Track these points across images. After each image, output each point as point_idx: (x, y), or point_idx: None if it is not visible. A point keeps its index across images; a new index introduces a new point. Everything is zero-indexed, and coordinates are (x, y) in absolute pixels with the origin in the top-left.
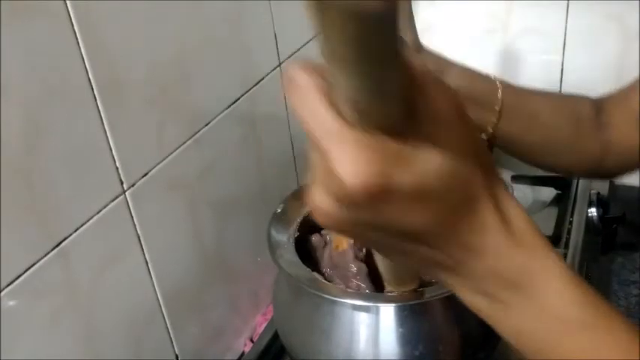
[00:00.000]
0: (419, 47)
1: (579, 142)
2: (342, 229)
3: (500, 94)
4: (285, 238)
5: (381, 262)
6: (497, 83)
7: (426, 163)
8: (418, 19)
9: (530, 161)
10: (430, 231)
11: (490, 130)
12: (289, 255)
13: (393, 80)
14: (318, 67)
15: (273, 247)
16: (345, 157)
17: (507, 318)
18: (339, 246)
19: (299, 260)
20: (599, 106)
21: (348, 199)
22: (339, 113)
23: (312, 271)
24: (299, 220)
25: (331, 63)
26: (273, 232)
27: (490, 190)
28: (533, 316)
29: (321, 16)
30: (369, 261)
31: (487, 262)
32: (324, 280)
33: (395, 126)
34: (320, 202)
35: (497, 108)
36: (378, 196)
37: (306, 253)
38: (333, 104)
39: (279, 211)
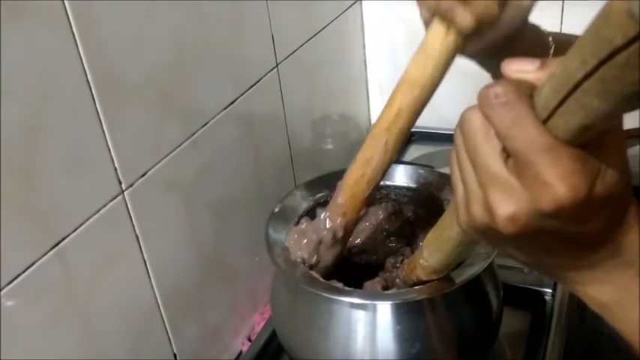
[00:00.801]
0: None
1: None
2: (518, 236)
3: (552, 51)
4: (282, 236)
5: (439, 255)
6: (550, 40)
7: (614, 176)
8: (411, 18)
9: None
10: (598, 233)
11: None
12: (287, 253)
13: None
14: (517, 82)
15: (270, 245)
16: (559, 171)
17: (630, 307)
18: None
19: (297, 259)
20: None
21: (556, 210)
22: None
23: (310, 269)
24: (296, 219)
25: (595, 87)
26: (271, 231)
27: (631, 194)
28: None
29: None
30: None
31: (625, 256)
32: (321, 279)
33: (590, 142)
34: (509, 210)
35: (550, 43)
36: (584, 204)
37: None
38: (539, 118)
39: (276, 210)
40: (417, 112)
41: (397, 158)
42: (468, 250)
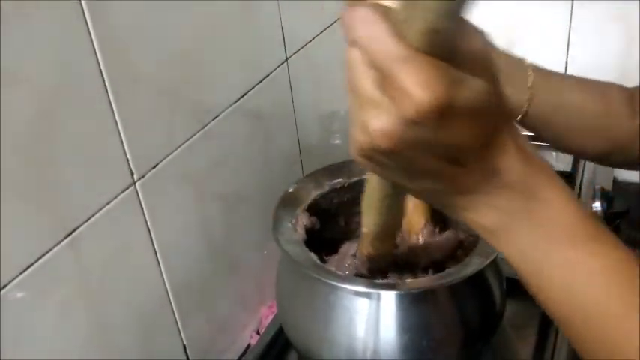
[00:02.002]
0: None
1: (608, 127)
2: (396, 151)
3: (530, 72)
4: (291, 218)
5: (372, 214)
6: (525, 62)
7: (479, 84)
8: None
9: (558, 145)
10: (475, 147)
11: (524, 109)
12: (292, 235)
13: (461, 7)
14: (374, 2)
15: (277, 226)
16: (417, 76)
17: (516, 232)
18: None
19: (301, 242)
20: (631, 95)
21: (419, 117)
22: (402, 39)
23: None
24: (307, 202)
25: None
26: (280, 212)
27: (507, 117)
28: (541, 227)
29: None
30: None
31: (505, 179)
32: (322, 264)
33: (448, 52)
34: (381, 123)
35: (529, 85)
36: (446, 110)
37: (321, 246)
38: (398, 32)
39: (290, 190)
40: None
41: None
42: (396, 205)
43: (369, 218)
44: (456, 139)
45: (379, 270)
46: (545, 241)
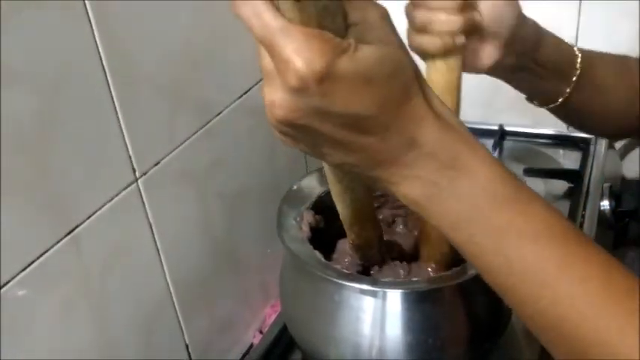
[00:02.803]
0: (521, 18)
1: (636, 105)
2: (294, 122)
3: (578, 64)
4: (295, 216)
5: (340, 202)
6: (576, 51)
7: (367, 51)
8: None
9: (589, 128)
10: (373, 116)
11: (561, 98)
12: (296, 233)
13: None
14: None
15: (281, 223)
16: (294, 47)
17: (443, 202)
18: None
19: (306, 240)
20: None
21: (301, 85)
22: (282, 14)
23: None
24: (312, 199)
25: None
26: (285, 209)
27: (418, 81)
28: (467, 194)
29: None
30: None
31: (423, 149)
32: (327, 262)
33: (335, 27)
34: (273, 96)
35: (574, 78)
36: (329, 80)
37: (326, 244)
38: (275, 7)
39: (294, 187)
40: None
41: None
42: (357, 187)
43: (338, 205)
44: (350, 107)
45: (372, 258)
46: (471, 209)
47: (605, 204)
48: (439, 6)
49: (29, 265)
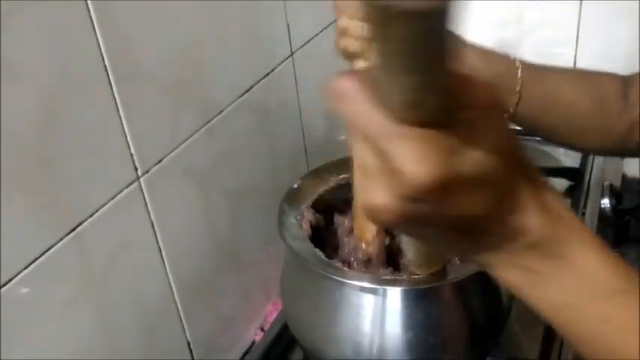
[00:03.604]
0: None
1: (604, 121)
2: (402, 225)
3: (519, 74)
4: (296, 214)
5: (412, 247)
6: (517, 63)
7: (478, 155)
8: None
9: (552, 140)
10: (484, 215)
11: (511, 110)
12: (297, 231)
13: (445, 75)
14: (357, 73)
15: (282, 221)
16: (408, 154)
17: (545, 290)
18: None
19: (307, 238)
20: (627, 85)
21: (415, 194)
22: (388, 113)
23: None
24: (313, 197)
25: (385, 64)
26: (285, 207)
27: (526, 173)
28: (571, 283)
29: (380, 19)
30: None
31: (527, 238)
32: (328, 260)
33: (441, 118)
34: (382, 200)
35: (517, 89)
36: (444, 186)
37: (324, 240)
38: (380, 105)
39: (295, 186)
40: None
41: None
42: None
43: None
44: (463, 211)
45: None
46: (575, 297)
47: (606, 202)
48: (354, 14)
49: (32, 263)
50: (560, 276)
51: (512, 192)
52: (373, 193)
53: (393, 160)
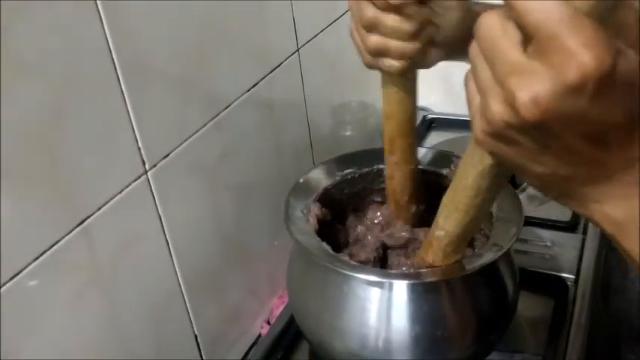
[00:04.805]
0: None
1: None
2: (544, 123)
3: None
4: (302, 208)
5: (458, 214)
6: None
7: (634, 59)
8: None
9: None
10: (621, 126)
11: None
12: (304, 225)
13: None
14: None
15: (289, 215)
16: (583, 39)
17: None
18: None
19: (313, 232)
20: None
21: (581, 81)
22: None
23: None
24: (319, 191)
25: None
26: (292, 201)
27: None
28: None
29: None
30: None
31: None
32: (333, 252)
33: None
34: (533, 90)
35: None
36: (609, 76)
37: (330, 234)
38: None
39: (301, 180)
40: (406, 134)
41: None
42: (486, 205)
43: (451, 219)
44: (608, 115)
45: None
46: None
47: None
48: (393, 32)
49: (40, 256)
50: None
51: None
52: (521, 88)
53: (566, 44)
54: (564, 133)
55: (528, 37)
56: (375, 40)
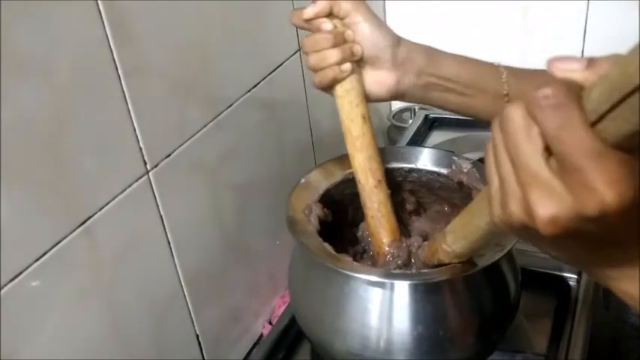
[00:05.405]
0: (396, 40)
1: None
2: (564, 239)
3: (504, 77)
4: (304, 208)
5: (465, 241)
6: (500, 68)
7: None
8: (436, 6)
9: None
10: (632, 233)
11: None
12: (305, 225)
13: None
14: (568, 84)
15: (290, 216)
16: (607, 175)
17: None
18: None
19: (315, 232)
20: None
21: (600, 213)
22: (591, 130)
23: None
24: (320, 192)
25: (630, 98)
26: (293, 201)
27: None
28: None
29: None
30: None
31: None
32: (334, 252)
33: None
34: (551, 211)
35: (504, 92)
36: (628, 210)
37: (332, 234)
38: (588, 120)
39: (303, 180)
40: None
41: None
42: (495, 239)
43: (459, 244)
44: (620, 234)
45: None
46: None
47: None
48: (319, 48)
49: (42, 256)
50: None
51: None
52: (541, 202)
53: (588, 179)
54: (580, 241)
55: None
56: (310, 59)
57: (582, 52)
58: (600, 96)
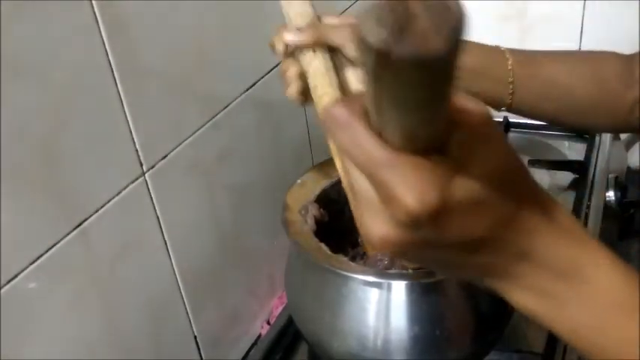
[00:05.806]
0: None
1: (604, 101)
2: (404, 253)
3: (510, 65)
4: (300, 209)
5: None
6: (506, 54)
7: (477, 171)
8: None
9: (553, 123)
10: (487, 237)
11: (508, 101)
12: (301, 226)
13: (445, 109)
14: (353, 100)
15: (286, 216)
16: (404, 182)
17: (561, 312)
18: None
19: (311, 232)
20: (629, 62)
21: (413, 222)
22: (384, 142)
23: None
24: (317, 192)
25: (382, 102)
26: (290, 202)
27: (528, 188)
28: (587, 304)
29: (378, 62)
30: None
31: (535, 260)
32: (330, 253)
33: (436, 145)
34: (381, 230)
35: (509, 79)
36: (442, 212)
37: (328, 234)
38: (376, 133)
39: (299, 181)
40: None
41: None
42: None
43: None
44: (462, 234)
45: None
46: (595, 318)
47: (611, 195)
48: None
49: (38, 258)
50: (578, 297)
51: (516, 214)
52: (372, 224)
53: (389, 189)
54: (432, 253)
55: None
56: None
57: (579, 48)
58: (370, 108)
